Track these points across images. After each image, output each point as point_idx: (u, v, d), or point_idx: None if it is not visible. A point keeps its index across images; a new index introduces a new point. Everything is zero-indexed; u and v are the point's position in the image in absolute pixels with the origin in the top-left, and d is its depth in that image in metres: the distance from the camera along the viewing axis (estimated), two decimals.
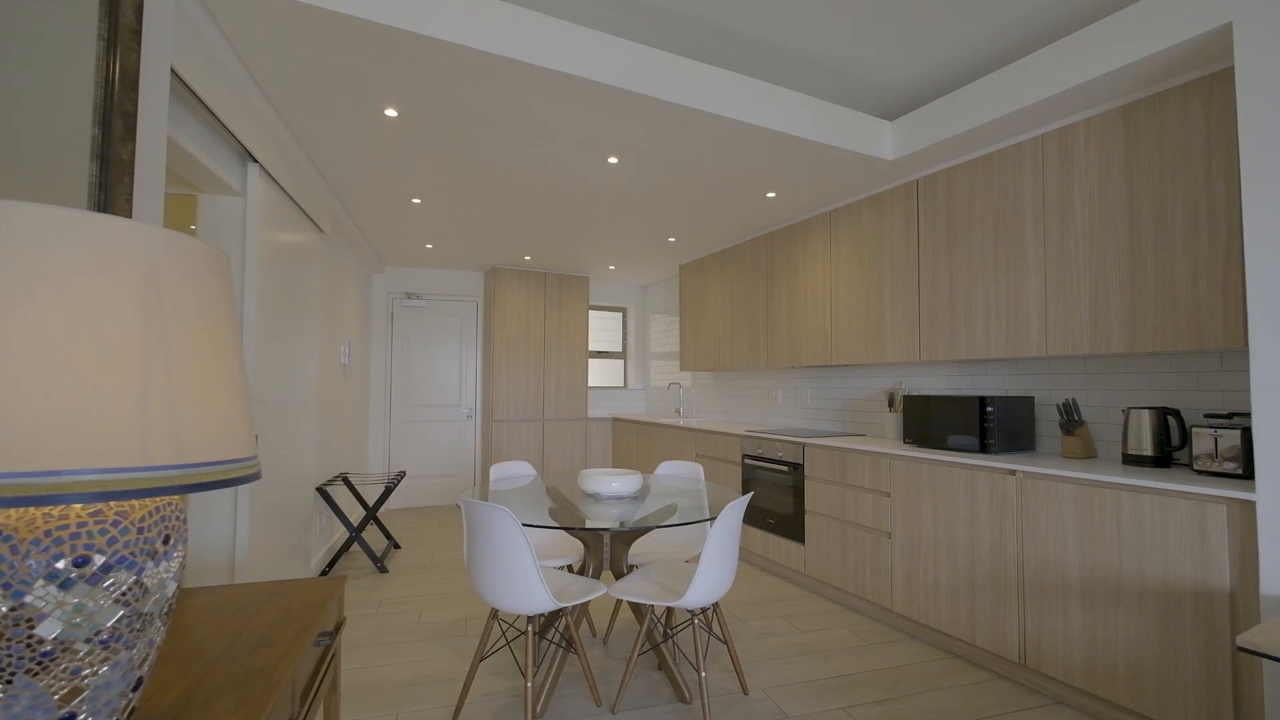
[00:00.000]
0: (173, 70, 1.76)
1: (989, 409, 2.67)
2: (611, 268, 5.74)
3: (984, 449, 2.67)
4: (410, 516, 5.35)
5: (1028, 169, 2.59)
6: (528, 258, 5.29)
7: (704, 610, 2.29)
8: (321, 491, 3.63)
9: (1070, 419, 2.56)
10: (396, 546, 4.32)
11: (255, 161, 2.41)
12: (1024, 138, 2.63)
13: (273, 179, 2.60)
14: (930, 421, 2.91)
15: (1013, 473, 2.38)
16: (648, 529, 2.01)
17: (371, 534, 4.77)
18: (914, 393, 3.44)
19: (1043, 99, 2.37)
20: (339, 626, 1.54)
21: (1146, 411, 2.26)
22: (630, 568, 2.58)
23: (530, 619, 2.03)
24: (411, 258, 5.37)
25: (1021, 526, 2.34)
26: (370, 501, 5.30)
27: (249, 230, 2.41)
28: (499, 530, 1.90)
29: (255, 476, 0.94)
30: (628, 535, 2.43)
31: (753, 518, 3.87)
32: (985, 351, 2.74)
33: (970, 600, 2.52)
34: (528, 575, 1.91)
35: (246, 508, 2.36)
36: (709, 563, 1.99)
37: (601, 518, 2.17)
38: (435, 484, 5.84)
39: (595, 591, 2.10)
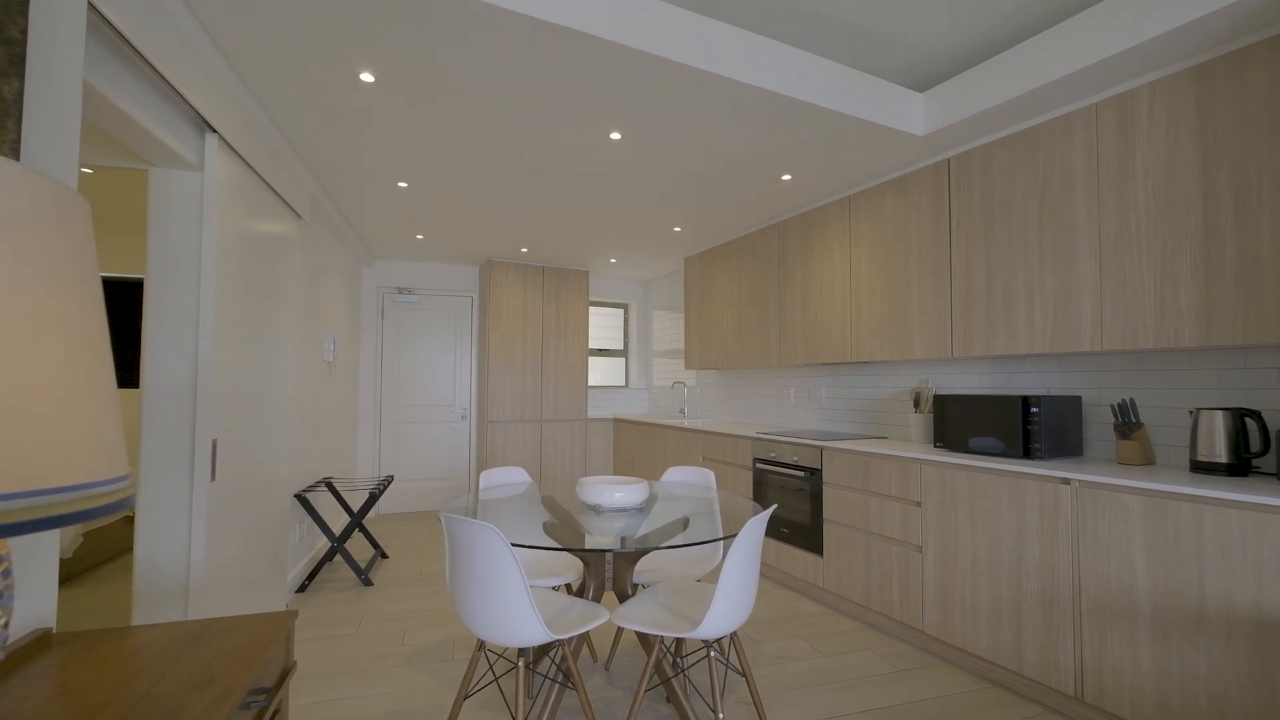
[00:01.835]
0: (100, 12, 1.49)
1: (1033, 410, 2.40)
2: (613, 261, 5.48)
3: (1027, 454, 2.41)
4: (401, 523, 5.08)
5: (1079, 142, 2.33)
6: (524, 250, 5.02)
7: (719, 639, 2.02)
8: (301, 498, 3.36)
9: (1127, 421, 2.29)
10: (384, 556, 4.05)
11: (214, 131, 2.14)
12: (1074, 107, 2.36)
13: (237, 154, 2.33)
14: (964, 423, 2.64)
15: (1067, 482, 2.11)
16: (655, 549, 1.75)
17: (358, 542, 4.50)
18: (944, 392, 3.17)
19: (1097, 62, 2.11)
20: (285, 675, 1.27)
21: (1220, 413, 2.00)
22: (635, 586, 2.32)
23: (521, 651, 1.77)
24: (402, 250, 5.10)
25: (1077, 542, 2.07)
26: (357, 508, 5.03)
27: (207, 208, 2.14)
28: (485, 551, 1.63)
29: (113, 508, 0.67)
30: (633, 554, 2.16)
31: (766, 527, 3.60)
32: (1029, 346, 2.48)
33: (1016, 624, 2.25)
34: (518, 603, 1.64)
35: (203, 518, 2.09)
36: (727, 588, 1.73)
37: (603, 533, 1.90)
38: (428, 488, 5.57)
39: (596, 619, 1.83)
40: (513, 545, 1.67)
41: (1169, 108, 2.07)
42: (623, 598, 2.13)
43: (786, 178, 3.23)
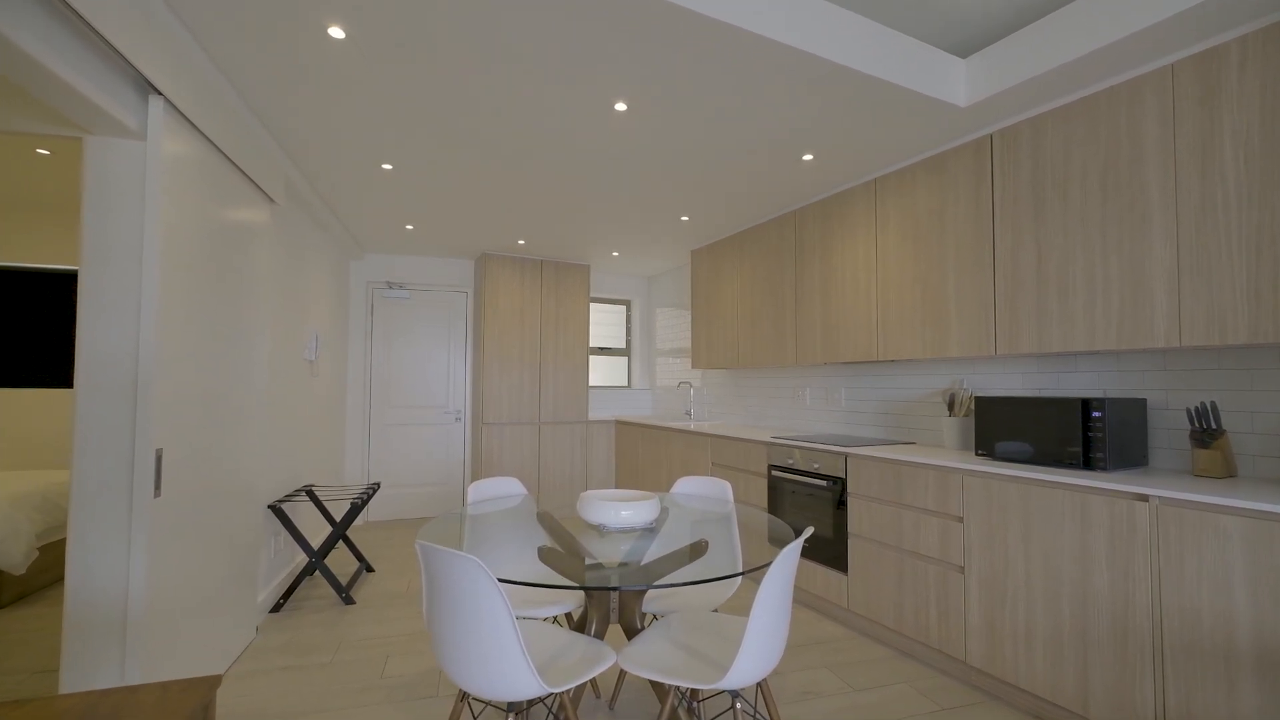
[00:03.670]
0: None
1: (1095, 414, 2.11)
2: (615, 255, 5.19)
3: (1088, 464, 2.12)
4: (390, 531, 4.79)
5: (1151, 109, 2.04)
6: (522, 242, 4.73)
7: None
8: (276, 509, 3.08)
9: (1206, 428, 2.00)
10: (369, 570, 3.76)
11: (158, 94, 1.86)
12: (1145, 69, 2.07)
13: (191, 124, 2.05)
14: (1012, 429, 2.35)
15: (1144, 498, 1.82)
16: (671, 585, 1.46)
17: (342, 554, 4.21)
18: (983, 393, 2.88)
19: (1175, 14, 1.82)
20: None
21: None
22: (645, 615, 2.03)
23: (511, 703, 1.49)
24: (392, 242, 4.81)
25: (1159, 569, 1.79)
26: (341, 517, 4.74)
27: (151, 182, 1.85)
28: (466, 588, 1.35)
29: None
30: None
31: (782, 539, 3.32)
32: (1089, 342, 2.19)
33: (1080, 659, 1.97)
34: (506, 651, 1.36)
35: (144, 538, 1.80)
36: (759, 628, 1.44)
37: (608, 559, 1.62)
38: (420, 493, 5.29)
39: (599, 664, 1.55)
40: (500, 581, 1.38)
41: (1265, 64, 1.78)
42: (630, 632, 1.85)
43: (808, 157, 2.95)
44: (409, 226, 4.31)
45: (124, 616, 1.81)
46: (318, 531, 4.18)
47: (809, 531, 1.59)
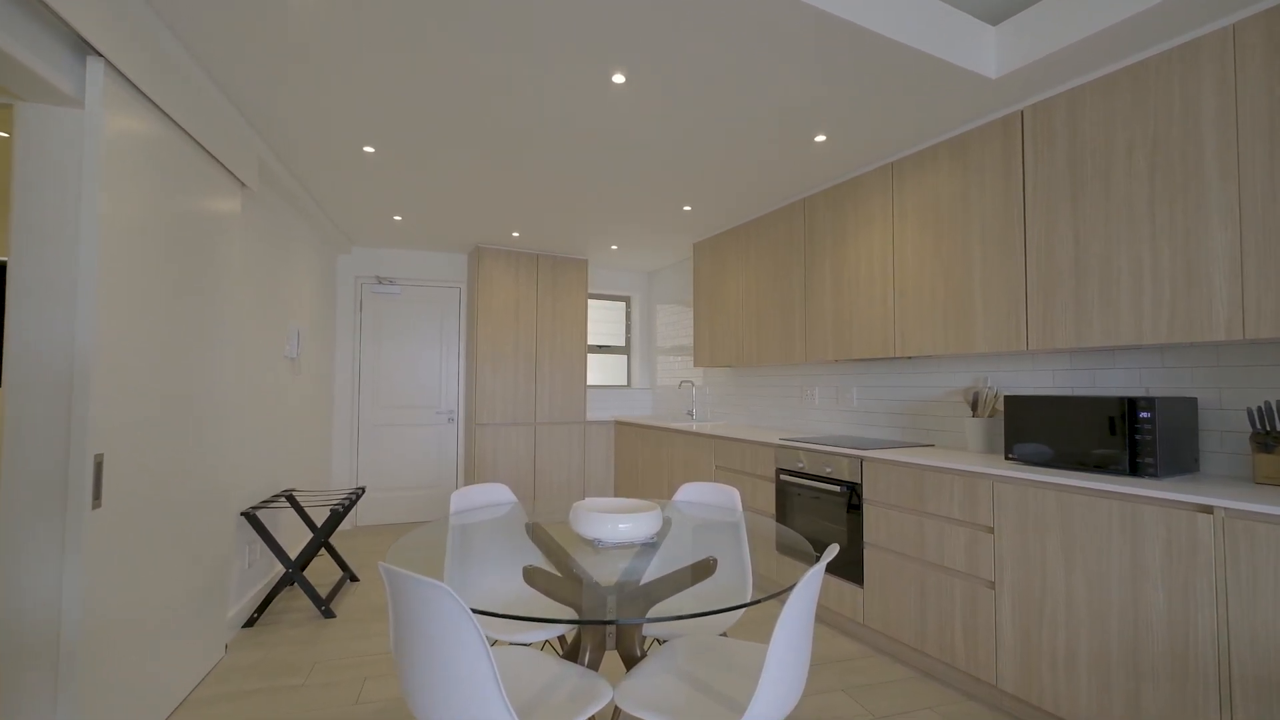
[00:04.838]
0: None
1: (1142, 414, 1.91)
2: (614, 248, 4.98)
3: (1134, 470, 1.92)
4: (379, 537, 4.59)
5: (1208, 77, 1.84)
6: (516, 235, 4.53)
7: None
8: (250, 516, 2.87)
9: (1270, 430, 1.80)
10: (352, 579, 3.56)
11: (98, 55, 1.65)
12: (1200, 32, 1.87)
13: (141, 93, 1.84)
14: (1047, 431, 2.15)
15: (1208, 510, 1.62)
16: (675, 619, 1.26)
17: (325, 563, 4.01)
18: (1011, 392, 2.68)
19: None
20: None
21: None
22: (645, 639, 1.83)
23: None
24: (381, 235, 4.61)
25: (1225, 590, 1.59)
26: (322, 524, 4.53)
27: (88, 154, 1.65)
28: (438, 621, 1.15)
29: None
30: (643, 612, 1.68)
31: (792, 548, 3.11)
32: (1136, 335, 1.99)
33: (1131, 688, 1.76)
34: (482, 693, 1.15)
35: (80, 555, 1.60)
36: (778, 665, 1.24)
37: (605, 576, 1.42)
38: (412, 497, 5.08)
39: (594, 702, 1.35)
40: (476, 612, 1.18)
41: None
42: (630, 661, 1.64)
43: (821, 139, 2.74)
44: (397, 217, 4.10)
45: (57, 640, 1.60)
46: (302, 538, 3.97)
47: (833, 551, 1.39)
